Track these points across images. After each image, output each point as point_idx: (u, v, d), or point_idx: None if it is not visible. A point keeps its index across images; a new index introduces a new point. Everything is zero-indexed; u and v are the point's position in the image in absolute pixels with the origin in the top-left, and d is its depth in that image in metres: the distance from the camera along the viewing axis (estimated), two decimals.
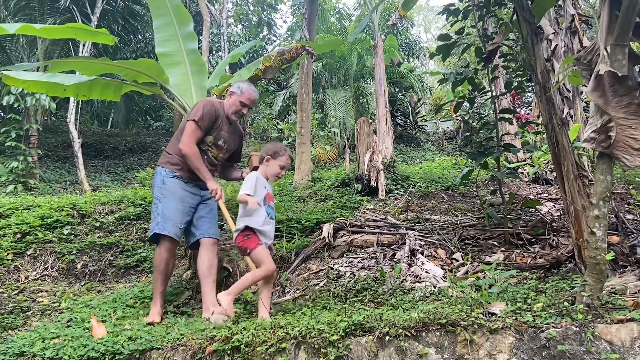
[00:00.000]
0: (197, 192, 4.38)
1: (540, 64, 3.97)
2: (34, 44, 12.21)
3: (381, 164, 7.56)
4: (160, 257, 4.20)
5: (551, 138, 3.87)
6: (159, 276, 4.20)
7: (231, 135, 4.49)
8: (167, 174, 4.30)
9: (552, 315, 2.61)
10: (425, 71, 21.69)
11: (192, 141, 4.18)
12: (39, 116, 11.67)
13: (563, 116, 3.88)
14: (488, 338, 2.58)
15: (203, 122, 4.19)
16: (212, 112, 4.26)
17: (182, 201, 4.26)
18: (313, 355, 2.89)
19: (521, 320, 2.58)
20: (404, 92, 17.82)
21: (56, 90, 5.09)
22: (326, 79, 16.56)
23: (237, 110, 4.38)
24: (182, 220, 4.24)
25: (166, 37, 5.40)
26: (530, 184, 7.82)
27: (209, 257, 4.24)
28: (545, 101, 3.88)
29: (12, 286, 5.13)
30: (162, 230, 4.14)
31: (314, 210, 6.80)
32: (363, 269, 4.68)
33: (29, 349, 3.62)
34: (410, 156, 15.12)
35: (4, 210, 6.33)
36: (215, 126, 4.31)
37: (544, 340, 2.47)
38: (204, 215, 4.38)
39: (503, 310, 2.81)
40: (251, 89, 4.43)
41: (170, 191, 4.25)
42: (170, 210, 4.19)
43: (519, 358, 2.49)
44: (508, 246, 4.78)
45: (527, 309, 2.77)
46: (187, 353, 3.21)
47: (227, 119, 4.41)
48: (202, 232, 4.32)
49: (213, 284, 4.20)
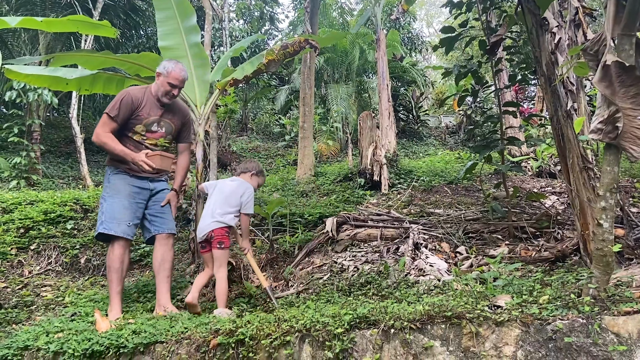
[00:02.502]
0: (147, 186, 4.25)
1: (546, 55, 3.93)
2: (35, 39, 12.17)
3: (384, 158, 7.54)
4: (112, 255, 4.07)
5: (556, 130, 3.85)
6: (114, 275, 4.04)
7: (167, 117, 4.31)
8: (112, 171, 4.21)
9: (558, 308, 2.59)
10: (428, 65, 21.61)
11: (101, 132, 4.05)
12: (41, 112, 11.64)
13: (567, 108, 3.84)
14: (494, 330, 2.57)
15: (117, 114, 4.04)
16: (129, 101, 4.10)
17: (130, 198, 4.14)
18: (318, 348, 2.88)
19: (527, 312, 2.56)
20: (407, 87, 17.75)
21: (58, 84, 5.07)
22: (328, 73, 16.49)
23: (167, 91, 4.19)
24: (131, 218, 4.11)
25: (168, 30, 5.36)
26: (534, 177, 7.80)
27: (161, 252, 4.19)
28: (550, 93, 3.85)
29: (15, 281, 5.13)
30: (107, 230, 4.03)
31: (317, 204, 6.79)
32: (367, 262, 4.67)
33: (33, 342, 3.63)
34: (413, 151, 15.07)
35: (7, 205, 6.34)
36: (137, 114, 4.15)
37: (550, 332, 2.45)
38: (157, 211, 4.28)
39: (508, 303, 2.79)
40: (178, 67, 4.22)
41: (115, 189, 4.14)
42: (116, 209, 4.08)
43: (525, 350, 2.47)
44: (512, 239, 4.76)
45: (533, 302, 2.76)
46: (191, 346, 3.21)
47: (159, 102, 4.25)
48: (155, 228, 4.24)
49: (167, 279, 4.16)
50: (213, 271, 4.09)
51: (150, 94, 4.25)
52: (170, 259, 4.23)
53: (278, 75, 18.76)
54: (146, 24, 15.28)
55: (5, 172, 10.37)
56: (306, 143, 9.10)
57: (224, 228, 4.05)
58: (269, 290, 4.05)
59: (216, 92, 5.33)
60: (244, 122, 17.62)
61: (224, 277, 4.01)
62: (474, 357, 2.56)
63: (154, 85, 4.29)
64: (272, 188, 8.38)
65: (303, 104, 9.12)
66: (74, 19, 4.27)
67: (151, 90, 4.27)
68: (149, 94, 4.25)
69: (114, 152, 4.06)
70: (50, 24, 4.39)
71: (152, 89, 4.27)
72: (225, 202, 4.15)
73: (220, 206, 4.14)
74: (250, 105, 17.91)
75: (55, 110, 15.83)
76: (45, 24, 4.30)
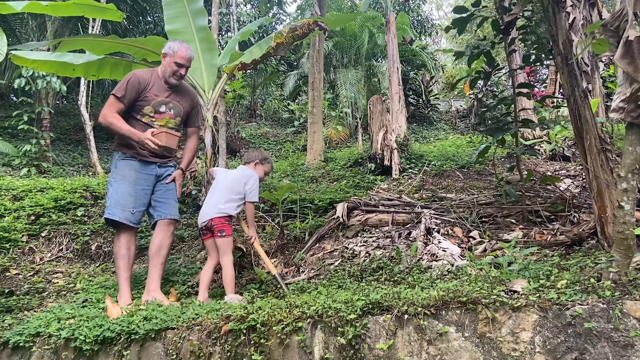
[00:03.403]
0: (153, 172, 4.22)
1: (562, 34, 3.82)
2: (43, 26, 12.14)
3: (395, 142, 7.44)
4: (118, 242, 4.08)
5: (573, 111, 3.74)
6: (121, 262, 4.05)
7: (175, 99, 4.27)
8: (119, 156, 4.17)
9: (577, 293, 2.52)
10: (438, 49, 21.33)
11: (107, 112, 4.02)
12: (50, 99, 11.66)
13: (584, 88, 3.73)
14: (510, 316, 2.51)
15: (123, 94, 4.01)
16: (136, 82, 4.06)
17: (135, 184, 4.10)
18: (330, 334, 2.84)
19: (545, 297, 2.49)
20: (416, 71, 17.54)
21: (65, 69, 5.02)
22: (337, 58, 16.32)
23: (174, 71, 4.15)
24: (135, 205, 4.08)
25: (175, 13, 5.29)
26: (548, 160, 7.67)
27: (160, 237, 4.16)
28: (567, 73, 3.74)
29: (27, 267, 5.14)
30: (111, 216, 4.02)
31: (327, 190, 6.73)
32: (378, 248, 4.61)
33: (44, 329, 3.62)
34: (423, 135, 14.94)
35: (18, 192, 6.35)
36: (144, 95, 4.11)
37: (569, 317, 2.39)
38: (161, 196, 4.25)
39: (525, 288, 2.72)
40: (183, 46, 4.19)
41: (121, 175, 4.11)
42: (120, 195, 4.05)
43: (543, 336, 2.41)
44: (526, 223, 4.68)
45: (551, 287, 2.68)
46: (202, 332, 3.18)
47: (167, 83, 4.21)
48: (159, 214, 4.21)
49: (161, 265, 4.14)
50: (217, 259, 4.09)
51: (158, 76, 4.22)
52: (168, 245, 4.22)
53: (286, 60, 18.62)
54: (153, 9, 15.20)
55: (16, 160, 10.41)
56: (315, 128, 9.01)
57: (223, 217, 4.04)
58: (279, 276, 4.03)
59: (224, 76, 5.26)
60: (253, 109, 17.54)
61: (230, 264, 4.00)
62: (490, 342, 2.51)
63: (160, 67, 4.26)
64: (281, 174, 8.33)
65: (312, 89, 9.01)
66: (79, 3, 4.21)
67: (158, 72, 4.25)
68: (156, 75, 4.22)
69: (120, 132, 4.02)
70: (56, 8, 4.33)
71: (159, 71, 4.24)
72: (229, 190, 4.14)
73: (223, 194, 4.13)
74: (259, 91, 17.82)
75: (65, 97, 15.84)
76: (51, 8, 4.24)
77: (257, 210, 6.01)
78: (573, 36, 6.95)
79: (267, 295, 3.89)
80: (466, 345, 2.55)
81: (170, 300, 4.11)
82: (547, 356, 2.38)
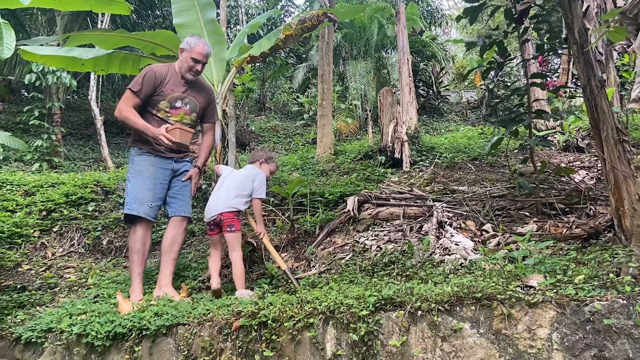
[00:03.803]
0: (169, 167, 4.22)
1: (578, 22, 3.72)
2: (52, 21, 12.14)
3: (405, 134, 7.36)
4: (134, 236, 4.05)
5: (590, 101, 3.65)
6: (135, 256, 4.03)
7: (191, 94, 4.26)
8: (136, 152, 4.17)
9: (595, 288, 2.46)
10: (448, 39, 21.10)
11: (123, 107, 4.01)
12: (61, 94, 11.67)
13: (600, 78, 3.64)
14: (527, 312, 2.46)
15: (139, 89, 4.00)
16: (152, 77, 4.06)
17: (152, 179, 4.10)
18: (342, 330, 2.81)
19: (563, 293, 2.44)
20: (426, 62, 17.36)
21: (74, 64, 5.00)
22: (346, 50, 16.19)
23: (190, 67, 4.13)
24: (153, 199, 4.09)
25: (183, 6, 5.24)
26: (561, 152, 7.55)
27: (172, 234, 4.17)
28: (583, 62, 3.65)
29: (39, 263, 5.16)
30: (130, 211, 4.02)
31: (337, 183, 6.68)
32: (390, 242, 4.56)
33: (56, 325, 3.63)
34: (434, 127, 14.80)
35: (30, 188, 6.37)
36: (160, 90, 4.10)
37: (587, 314, 2.33)
38: (176, 193, 4.25)
39: (541, 283, 2.67)
40: (201, 42, 4.17)
41: (138, 170, 4.11)
42: (138, 190, 4.05)
43: (560, 333, 2.36)
44: (540, 216, 4.60)
45: (568, 282, 2.63)
46: (213, 328, 3.17)
47: (183, 78, 4.19)
48: (173, 210, 4.22)
49: (173, 261, 4.14)
50: (221, 252, 4.12)
51: (174, 71, 4.21)
52: (180, 241, 4.22)
53: (295, 53, 18.52)
54: (162, 2, 15.15)
55: (28, 155, 10.47)
56: (325, 121, 8.95)
57: (233, 212, 4.03)
58: (289, 272, 4.01)
59: (233, 70, 5.22)
60: (262, 102, 17.49)
61: (239, 259, 3.99)
62: (506, 339, 2.46)
63: (177, 62, 4.24)
64: (291, 167, 8.29)
65: (321, 82, 8.94)
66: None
67: (175, 67, 4.23)
68: (173, 70, 4.21)
69: (135, 126, 4.01)
70: (64, 3, 4.32)
71: (176, 66, 4.23)
72: (238, 187, 4.15)
73: (233, 190, 4.13)
74: (268, 84, 17.76)
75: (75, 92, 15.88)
76: (58, 2, 4.22)
77: (267, 204, 5.97)
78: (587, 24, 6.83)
79: (278, 291, 3.87)
80: (481, 342, 2.51)
81: (181, 296, 4.10)
82: (565, 353, 2.33)
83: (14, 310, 4.21)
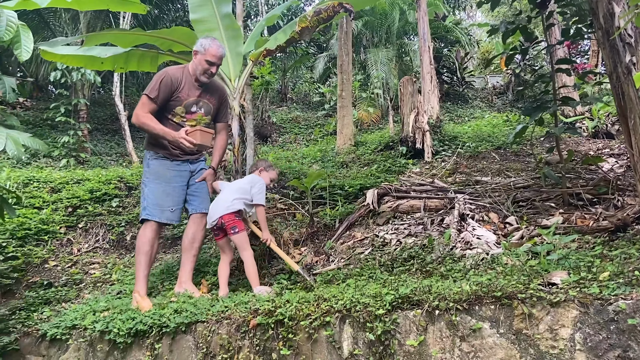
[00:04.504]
0: (186, 169, 4.22)
1: (603, 6, 3.56)
2: (76, 18, 12.31)
3: (427, 124, 7.23)
4: (143, 238, 4.02)
5: (616, 88, 3.50)
6: (143, 258, 4.00)
7: (205, 97, 4.22)
8: (151, 156, 4.16)
9: (620, 286, 2.36)
10: (472, 23, 20.64)
11: (140, 113, 3.98)
12: (86, 91, 11.87)
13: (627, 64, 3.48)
14: (549, 312, 2.38)
15: (156, 95, 3.97)
16: (168, 82, 4.01)
17: (170, 182, 4.10)
18: (359, 329, 2.78)
19: (586, 292, 2.35)
20: (450, 48, 17.03)
21: (94, 63, 5.05)
22: (367, 37, 15.98)
23: (205, 69, 4.07)
24: (173, 203, 4.10)
25: (199, 2, 5.23)
26: (590, 138, 7.31)
27: (193, 230, 4.18)
28: (608, 48, 3.50)
29: (65, 259, 5.26)
30: (149, 216, 4.02)
31: (357, 175, 6.62)
32: (410, 235, 4.49)
33: (80, 321, 3.70)
34: (458, 114, 14.54)
35: (56, 184, 6.49)
36: (176, 95, 4.07)
37: (612, 313, 2.24)
38: (194, 191, 4.26)
39: (565, 281, 2.58)
40: (215, 44, 4.10)
41: (155, 174, 4.11)
42: (157, 195, 4.05)
43: (583, 333, 2.28)
44: (567, 207, 4.45)
45: (593, 279, 2.53)
46: (231, 326, 3.18)
47: (197, 81, 4.15)
48: (193, 208, 4.22)
49: (193, 257, 4.15)
50: (231, 255, 4.13)
51: (189, 74, 4.16)
52: (201, 238, 4.24)
53: (316, 42, 18.39)
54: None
55: (55, 151, 10.70)
56: (345, 112, 8.86)
57: (232, 213, 4.02)
58: (302, 272, 3.98)
59: (249, 64, 5.19)
60: (284, 92, 17.45)
61: (250, 258, 3.97)
62: (527, 339, 2.39)
63: (191, 64, 4.17)
64: (311, 160, 8.25)
65: (340, 72, 8.84)
66: None
67: (189, 69, 4.17)
68: (187, 73, 4.15)
69: (154, 131, 3.99)
70: (81, 3, 4.34)
71: (190, 68, 4.17)
72: (236, 191, 4.17)
73: (231, 194, 4.13)
74: (290, 74, 17.69)
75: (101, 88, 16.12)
76: (75, 2, 4.24)
77: (287, 197, 5.95)
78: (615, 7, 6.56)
79: (297, 286, 3.84)
80: (501, 342, 2.44)
81: (201, 292, 4.13)
82: (588, 354, 2.25)
83: (41, 307, 4.32)
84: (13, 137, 3.29)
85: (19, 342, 3.93)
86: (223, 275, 4.06)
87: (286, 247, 4.76)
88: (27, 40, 3.55)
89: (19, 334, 3.97)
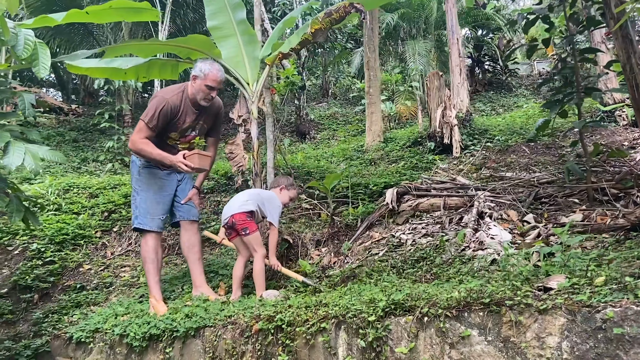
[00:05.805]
0: (175, 178, 4.36)
1: None
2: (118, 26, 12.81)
3: (455, 119, 7.09)
4: (147, 247, 4.21)
5: (630, 81, 3.34)
6: (150, 266, 4.18)
7: (201, 119, 4.30)
8: (142, 164, 4.24)
9: (613, 292, 2.26)
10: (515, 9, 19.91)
11: (136, 139, 4.02)
12: (130, 96, 12.37)
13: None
14: (536, 319, 2.31)
15: (154, 123, 4.01)
16: (167, 111, 4.04)
17: (161, 190, 4.23)
18: (353, 335, 2.79)
19: (574, 299, 2.27)
20: (492, 35, 16.53)
21: (117, 74, 5.25)
22: (405, 29, 15.76)
23: (206, 95, 4.12)
24: (163, 211, 4.25)
25: (215, 9, 5.33)
26: (628, 127, 6.94)
27: (186, 237, 4.33)
28: (621, 38, 3.33)
29: (98, 262, 5.52)
30: (142, 225, 4.16)
31: (383, 173, 6.58)
32: (426, 235, 4.44)
33: (102, 325, 3.89)
34: (501, 104, 14.12)
35: (94, 190, 6.81)
36: (174, 122, 4.12)
37: (599, 321, 2.16)
38: (181, 199, 4.39)
39: (561, 285, 2.49)
40: (214, 68, 4.12)
41: (147, 183, 4.22)
42: (149, 204, 4.18)
43: (570, 341, 2.20)
44: (590, 204, 4.27)
45: (587, 284, 2.43)
46: (236, 331, 3.26)
47: (196, 105, 4.18)
48: (181, 215, 4.36)
49: (198, 261, 4.27)
50: (247, 255, 4.15)
51: (187, 97, 4.19)
52: (197, 242, 4.38)
53: (353, 37, 18.27)
54: None
55: (102, 156, 11.23)
56: (373, 109, 8.80)
57: (244, 212, 4.04)
58: (306, 281, 3.99)
59: (267, 68, 5.26)
60: (325, 88, 17.47)
61: (259, 260, 3.99)
62: (514, 347, 2.34)
63: (190, 88, 4.19)
64: (340, 158, 8.26)
65: (367, 69, 8.78)
66: (116, 7, 4.31)
67: (188, 93, 4.19)
68: (186, 97, 4.18)
69: (150, 156, 4.06)
70: (97, 16, 4.51)
71: (189, 92, 4.19)
72: (252, 194, 4.25)
73: (246, 196, 4.20)
74: (331, 69, 17.69)
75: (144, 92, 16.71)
76: (92, 16, 4.41)
77: (312, 198, 5.99)
78: None
79: (308, 289, 3.89)
80: (489, 349, 2.40)
81: (219, 294, 4.24)
82: None
83: (72, 310, 4.57)
84: (32, 151, 3.49)
85: (50, 344, 4.20)
86: (237, 277, 4.12)
87: (304, 248, 4.82)
88: (44, 57, 3.72)
89: (50, 337, 4.24)
